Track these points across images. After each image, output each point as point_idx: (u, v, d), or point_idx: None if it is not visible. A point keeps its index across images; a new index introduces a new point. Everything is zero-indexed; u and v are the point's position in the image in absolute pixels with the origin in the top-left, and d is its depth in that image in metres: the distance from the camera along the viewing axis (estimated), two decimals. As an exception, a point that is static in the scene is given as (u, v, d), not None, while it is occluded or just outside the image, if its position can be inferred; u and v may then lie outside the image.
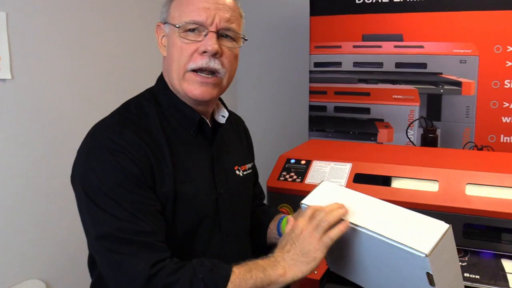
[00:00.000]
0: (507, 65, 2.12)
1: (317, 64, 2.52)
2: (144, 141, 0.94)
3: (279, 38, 3.07)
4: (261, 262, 0.92)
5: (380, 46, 2.36)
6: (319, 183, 1.03)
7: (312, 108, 2.56)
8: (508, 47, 2.11)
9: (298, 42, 2.92)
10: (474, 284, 1.12)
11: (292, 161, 1.59)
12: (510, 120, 2.14)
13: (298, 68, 2.95)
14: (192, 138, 1.04)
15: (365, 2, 2.35)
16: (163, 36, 1.04)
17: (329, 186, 1.01)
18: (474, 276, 1.16)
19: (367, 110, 2.44)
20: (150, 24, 2.32)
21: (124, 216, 0.88)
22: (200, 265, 0.90)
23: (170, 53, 1.01)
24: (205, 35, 0.97)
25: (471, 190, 1.33)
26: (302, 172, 1.53)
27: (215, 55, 0.97)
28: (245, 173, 1.16)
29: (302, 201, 1.01)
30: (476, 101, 2.19)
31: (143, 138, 0.95)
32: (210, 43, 0.96)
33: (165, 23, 1.03)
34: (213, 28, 0.97)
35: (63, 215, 1.87)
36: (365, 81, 2.43)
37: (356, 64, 2.43)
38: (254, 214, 1.28)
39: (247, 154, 1.24)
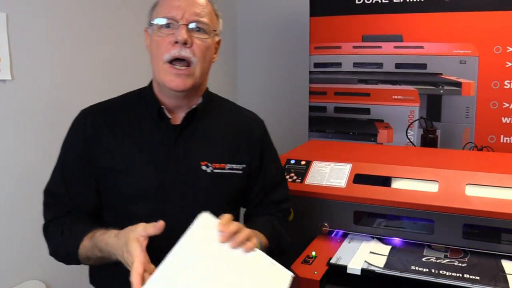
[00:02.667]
0: (507, 66, 2.12)
1: (317, 65, 2.52)
2: (95, 125, 1.15)
3: (279, 39, 3.07)
4: (107, 237, 1.00)
5: (380, 47, 2.36)
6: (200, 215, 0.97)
7: (312, 108, 2.56)
8: (508, 47, 2.11)
9: (298, 43, 2.92)
10: (474, 285, 1.12)
11: (292, 161, 1.59)
12: (510, 121, 2.15)
13: (298, 68, 2.95)
14: (156, 126, 1.15)
15: (365, 3, 2.36)
16: (150, 37, 1.17)
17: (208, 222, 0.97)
18: (474, 277, 1.16)
19: (367, 111, 2.44)
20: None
21: (56, 178, 1.18)
22: (60, 234, 1.11)
23: (151, 49, 1.16)
24: (177, 28, 1.09)
25: (471, 191, 1.33)
26: (302, 173, 1.53)
27: (185, 44, 1.09)
28: (216, 170, 1.15)
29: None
30: (476, 101, 2.20)
31: (96, 122, 1.15)
32: (180, 33, 1.08)
33: (149, 26, 1.17)
34: (183, 22, 1.09)
35: (63, 215, 1.87)
36: (365, 81, 2.43)
37: (356, 64, 2.43)
38: (250, 218, 1.28)
39: (237, 154, 1.20)
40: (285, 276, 0.91)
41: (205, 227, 0.95)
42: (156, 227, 0.91)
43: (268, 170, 1.27)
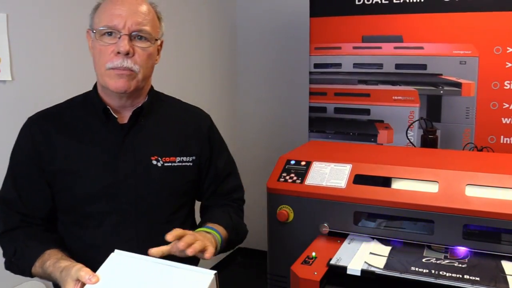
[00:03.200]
0: (507, 66, 2.12)
1: (317, 65, 2.52)
2: (44, 130, 1.17)
3: (279, 40, 3.07)
4: (63, 263, 1.02)
5: (380, 47, 2.36)
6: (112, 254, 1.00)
7: (312, 109, 2.57)
8: (508, 48, 2.11)
9: (298, 44, 2.92)
10: (474, 286, 1.12)
11: (292, 162, 1.59)
12: (510, 121, 2.15)
13: (298, 69, 2.95)
14: (104, 127, 1.18)
15: (365, 3, 2.36)
16: (92, 40, 1.19)
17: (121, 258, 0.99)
18: (474, 278, 1.16)
19: (367, 111, 2.44)
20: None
21: (7, 185, 1.19)
22: (13, 253, 1.14)
23: (93, 55, 1.18)
24: (119, 38, 1.11)
25: (471, 191, 1.33)
26: (302, 173, 1.53)
27: (128, 54, 1.11)
28: (167, 164, 1.21)
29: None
30: (476, 102, 2.20)
31: (44, 127, 1.18)
32: (122, 44, 1.10)
33: (91, 30, 1.18)
34: (125, 31, 1.11)
35: (63, 216, 1.86)
36: (365, 82, 2.43)
37: (356, 65, 2.44)
38: (206, 210, 1.34)
39: (186, 147, 1.25)
40: (207, 275, 0.92)
41: (118, 263, 0.97)
42: (86, 279, 0.93)
43: (218, 162, 1.33)
